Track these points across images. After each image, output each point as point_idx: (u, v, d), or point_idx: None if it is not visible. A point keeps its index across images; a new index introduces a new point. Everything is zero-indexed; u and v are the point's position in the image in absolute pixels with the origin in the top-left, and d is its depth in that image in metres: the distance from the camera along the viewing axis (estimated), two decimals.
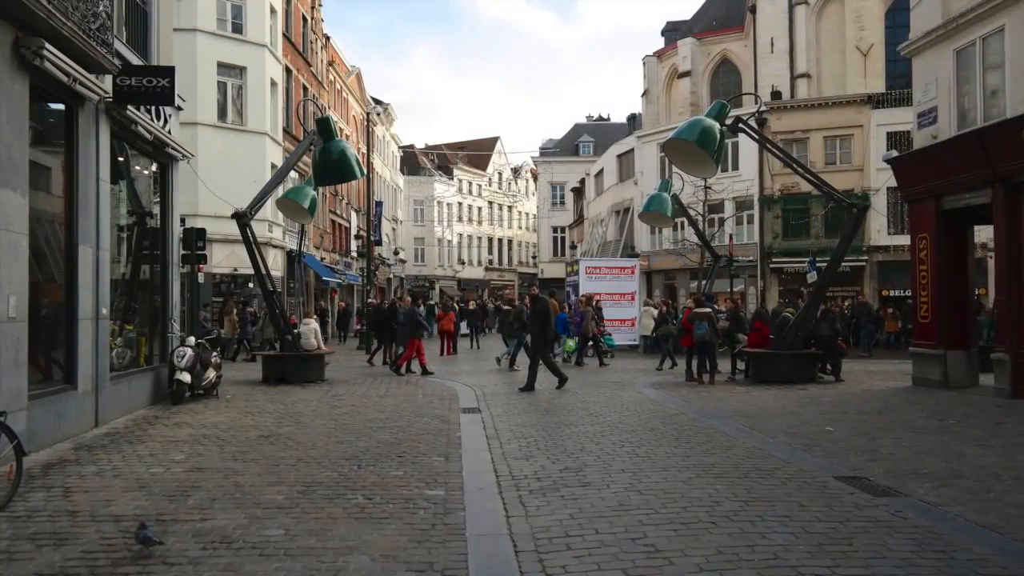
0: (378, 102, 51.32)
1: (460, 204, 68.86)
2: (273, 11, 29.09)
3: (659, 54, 53.70)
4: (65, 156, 9.93)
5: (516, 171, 78.78)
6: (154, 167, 13.58)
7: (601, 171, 48.42)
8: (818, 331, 16.88)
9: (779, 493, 6.84)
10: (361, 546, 5.40)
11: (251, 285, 25.73)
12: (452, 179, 68.07)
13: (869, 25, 40.86)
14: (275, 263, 27.13)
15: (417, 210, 64.68)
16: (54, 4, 8.21)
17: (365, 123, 40.83)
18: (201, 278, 21.47)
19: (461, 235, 69.18)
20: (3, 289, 7.95)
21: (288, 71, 31.44)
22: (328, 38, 39.50)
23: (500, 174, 75.50)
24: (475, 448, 9.01)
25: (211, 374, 13.68)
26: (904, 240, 23.57)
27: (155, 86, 10.97)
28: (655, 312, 23.13)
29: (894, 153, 18.31)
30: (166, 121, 13.18)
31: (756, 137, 18.23)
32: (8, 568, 5.04)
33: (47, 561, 5.13)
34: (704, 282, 25.14)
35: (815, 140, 33.78)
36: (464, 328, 31.01)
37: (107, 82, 10.46)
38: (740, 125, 16.37)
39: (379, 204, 44.66)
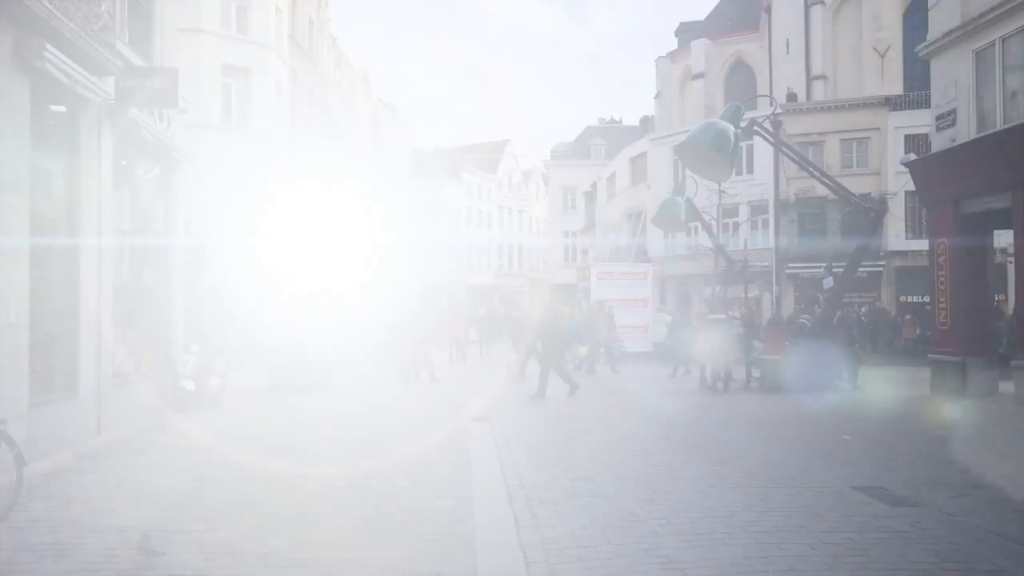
0: (385, 104, 51.32)
1: (469, 208, 68.77)
2: (278, 12, 29.03)
3: (672, 55, 53.40)
4: (67, 159, 9.84)
5: (527, 175, 78.68)
6: (157, 170, 13.47)
7: (613, 175, 48.28)
8: (835, 338, 16.68)
9: (795, 503, 6.77)
10: (368, 557, 5.33)
11: None
12: (461, 183, 67.99)
13: (887, 26, 40.50)
14: None
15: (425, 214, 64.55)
16: (55, 5, 8.14)
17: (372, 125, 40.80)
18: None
19: (470, 240, 69.05)
20: (3, 295, 7.86)
21: (294, 73, 31.40)
22: (335, 39, 39.50)
23: (510, 178, 75.32)
24: (484, 457, 8.94)
25: (215, 381, 13.56)
26: (922, 245, 23.33)
27: (158, 88, 10.87)
28: (668, 318, 22.95)
29: (912, 156, 18.09)
30: (169, 123, 13.07)
31: (771, 140, 18.04)
32: None
33: (48, 572, 5.10)
34: (718, 288, 24.92)
35: (831, 143, 33.59)
36: (473, 335, 30.85)
37: (109, 84, 10.34)
38: (755, 128, 16.21)
39: None
